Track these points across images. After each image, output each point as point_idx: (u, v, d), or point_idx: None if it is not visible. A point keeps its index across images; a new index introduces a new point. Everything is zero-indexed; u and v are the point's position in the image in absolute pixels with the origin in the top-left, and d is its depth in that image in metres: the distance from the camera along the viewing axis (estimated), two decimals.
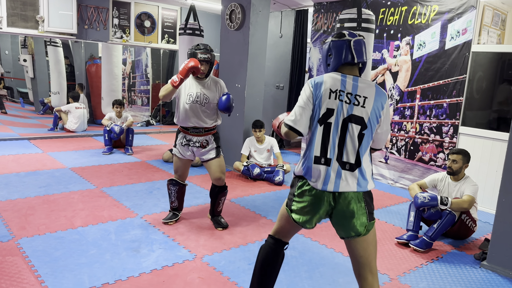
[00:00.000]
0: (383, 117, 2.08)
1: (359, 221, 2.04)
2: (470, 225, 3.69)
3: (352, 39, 2.09)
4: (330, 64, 2.15)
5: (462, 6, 4.72)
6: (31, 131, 7.43)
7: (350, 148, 2.02)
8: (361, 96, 2.03)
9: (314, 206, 2.07)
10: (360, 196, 2.04)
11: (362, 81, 2.08)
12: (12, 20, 6.50)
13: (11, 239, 3.22)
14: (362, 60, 2.11)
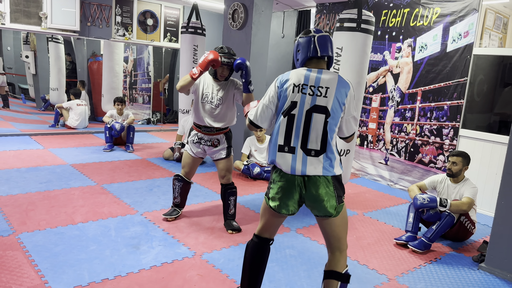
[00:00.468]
0: (347, 104, 2.20)
1: (329, 203, 2.18)
2: (469, 227, 3.70)
3: (317, 35, 2.25)
4: (298, 59, 2.30)
5: (464, 9, 4.73)
6: (32, 127, 7.44)
7: (314, 136, 2.16)
8: (323, 87, 2.16)
9: (287, 190, 2.21)
10: (329, 180, 2.18)
11: (326, 73, 2.21)
12: (15, 16, 6.51)
13: (12, 233, 3.24)
14: (327, 54, 2.26)
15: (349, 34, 4.00)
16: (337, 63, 4.08)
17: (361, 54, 4.04)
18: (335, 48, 4.08)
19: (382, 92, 5.68)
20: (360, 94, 4.17)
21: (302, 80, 2.18)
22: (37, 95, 8.85)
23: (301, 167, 2.16)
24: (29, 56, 8.44)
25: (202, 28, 6.58)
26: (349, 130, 2.31)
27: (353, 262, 3.25)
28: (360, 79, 4.11)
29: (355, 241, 3.67)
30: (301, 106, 2.17)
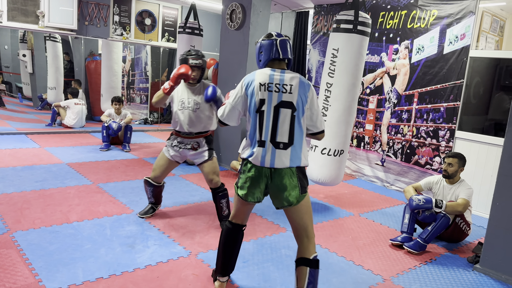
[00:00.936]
0: (309, 100, 2.40)
1: (291, 193, 2.36)
2: (464, 228, 3.71)
3: (278, 38, 2.44)
4: (261, 60, 2.47)
5: (461, 11, 4.75)
6: (28, 126, 7.42)
7: (282, 129, 2.35)
8: (288, 85, 2.36)
9: (254, 180, 2.40)
10: (293, 171, 2.37)
11: (288, 72, 2.41)
12: (13, 14, 6.49)
13: (6, 232, 3.23)
14: (287, 57, 2.45)
15: (345, 36, 4.01)
16: (333, 64, 4.09)
17: (357, 56, 4.05)
18: (332, 49, 4.10)
19: (379, 93, 5.69)
20: (355, 96, 4.18)
21: (268, 80, 2.37)
22: (34, 94, 8.82)
23: (269, 160, 2.35)
24: (26, 55, 8.41)
25: (200, 28, 6.58)
26: (316, 125, 2.48)
27: (348, 263, 3.25)
28: (355, 80, 4.11)
29: (350, 241, 3.67)
30: (269, 102, 2.35)
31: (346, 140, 4.22)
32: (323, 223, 4.07)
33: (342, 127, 4.15)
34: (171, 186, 4.75)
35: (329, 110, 4.14)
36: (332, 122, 4.13)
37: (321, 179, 4.26)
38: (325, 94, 4.16)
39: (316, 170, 4.26)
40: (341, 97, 4.08)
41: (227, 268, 2.66)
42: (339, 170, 4.26)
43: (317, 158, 4.24)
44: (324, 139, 4.09)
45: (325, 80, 4.17)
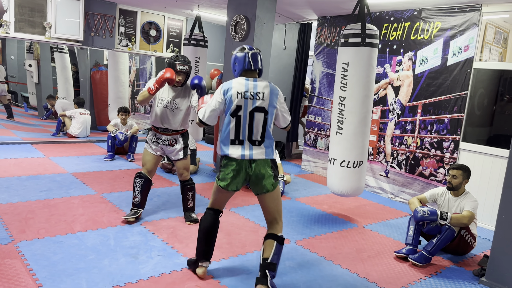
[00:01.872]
0: (279, 104, 2.86)
1: (268, 181, 2.81)
2: (469, 241, 3.69)
3: (250, 52, 2.85)
4: (236, 70, 2.88)
5: (465, 23, 4.77)
6: (33, 136, 7.46)
7: (257, 130, 2.79)
8: (261, 93, 2.79)
9: (235, 172, 2.80)
10: (268, 163, 2.83)
11: (260, 81, 2.83)
12: (20, 25, 6.58)
13: (11, 242, 3.23)
14: (258, 68, 2.86)
15: (354, 49, 4.06)
16: (344, 78, 4.12)
17: (367, 68, 4.09)
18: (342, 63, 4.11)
19: (383, 104, 5.70)
20: (369, 107, 4.21)
21: (243, 88, 2.77)
22: (39, 104, 8.89)
23: (249, 153, 2.78)
24: (32, 65, 8.50)
25: (204, 40, 6.64)
26: (285, 121, 2.94)
27: (352, 275, 3.23)
28: (368, 92, 4.14)
29: (355, 253, 3.65)
30: (245, 108, 2.77)
31: (364, 151, 4.25)
32: (327, 234, 4.05)
33: (359, 139, 4.18)
34: (174, 197, 4.76)
35: (345, 123, 4.16)
36: (348, 135, 4.16)
37: (343, 191, 4.27)
38: (339, 107, 4.19)
39: (336, 183, 4.29)
40: (355, 110, 4.12)
41: (209, 253, 2.99)
42: (359, 181, 4.29)
43: (337, 171, 4.26)
44: (342, 152, 4.24)
45: (338, 94, 4.21)
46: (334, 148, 4.30)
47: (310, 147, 6.86)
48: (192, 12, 7.46)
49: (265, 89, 2.80)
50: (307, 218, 4.48)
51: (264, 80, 2.85)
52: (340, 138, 4.22)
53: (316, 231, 4.11)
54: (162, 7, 7.45)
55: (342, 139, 4.21)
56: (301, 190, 5.60)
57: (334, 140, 4.30)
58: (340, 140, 4.23)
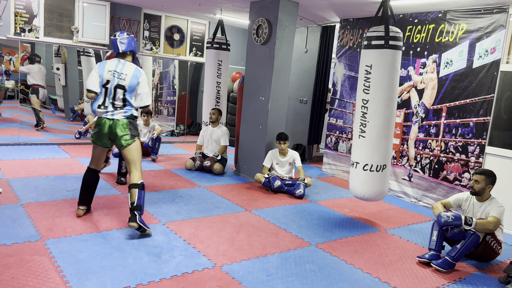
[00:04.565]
0: (139, 84, 3.64)
1: (122, 138, 3.63)
2: (495, 247, 3.61)
3: (119, 38, 3.65)
4: (113, 52, 3.73)
5: (491, 25, 4.68)
6: (60, 137, 7.67)
7: (119, 100, 3.63)
8: (124, 74, 3.60)
9: (101, 129, 3.65)
10: (125, 124, 3.63)
11: (128, 64, 3.65)
12: (49, 30, 6.80)
13: (39, 239, 3.34)
14: (125, 50, 3.67)
15: (377, 52, 4.03)
16: (367, 81, 4.10)
17: (391, 70, 4.05)
18: (365, 65, 4.08)
19: (406, 107, 5.63)
20: (393, 110, 4.17)
21: (114, 67, 3.60)
22: (66, 106, 9.13)
23: (110, 115, 3.62)
24: (60, 68, 8.73)
25: (227, 43, 6.71)
26: (142, 101, 3.69)
27: (374, 279, 3.21)
28: (392, 94, 4.11)
29: (376, 258, 3.62)
30: (111, 83, 3.59)
31: (388, 154, 4.21)
32: (348, 238, 4.03)
33: (383, 142, 4.14)
34: (196, 198, 4.82)
35: (368, 126, 4.13)
36: (371, 138, 4.13)
37: (365, 195, 4.24)
38: (362, 110, 4.16)
39: (359, 187, 4.26)
40: (378, 113, 4.08)
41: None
42: (383, 185, 4.25)
43: (360, 174, 4.23)
44: (365, 155, 4.17)
45: (361, 96, 4.18)
46: (357, 152, 4.27)
47: (331, 150, 6.83)
48: (215, 16, 7.55)
49: (128, 71, 3.59)
50: (328, 221, 4.47)
51: (132, 64, 3.65)
52: (363, 141, 4.19)
53: (337, 234, 4.09)
54: (186, 11, 7.56)
55: (365, 142, 4.17)
56: (322, 193, 5.58)
57: (357, 143, 4.27)
58: (363, 143, 4.19)
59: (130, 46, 3.69)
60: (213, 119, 6.28)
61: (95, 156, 3.89)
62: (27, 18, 6.59)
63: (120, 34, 3.65)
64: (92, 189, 3.91)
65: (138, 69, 3.66)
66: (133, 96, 3.65)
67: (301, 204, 4.99)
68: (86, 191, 3.87)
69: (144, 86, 3.67)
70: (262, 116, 5.69)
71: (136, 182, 3.59)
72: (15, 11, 6.46)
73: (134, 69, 3.63)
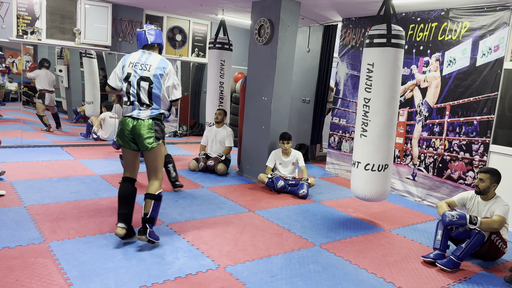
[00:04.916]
0: (165, 76, 3.29)
1: (146, 140, 3.24)
2: (500, 246, 3.58)
3: (147, 29, 3.36)
4: (138, 45, 3.39)
5: (494, 23, 4.65)
6: (64, 139, 7.69)
7: (144, 96, 3.26)
8: (148, 64, 3.27)
9: (123, 129, 3.30)
10: (150, 124, 3.25)
11: (154, 55, 3.33)
12: (51, 32, 6.81)
13: (43, 241, 3.34)
14: (154, 42, 3.36)
15: (379, 50, 4.01)
16: (369, 79, 4.08)
17: (393, 69, 4.03)
18: (367, 64, 4.07)
19: (410, 106, 5.61)
20: (395, 109, 4.15)
21: (136, 59, 3.29)
22: (69, 108, 9.15)
23: (136, 113, 3.26)
24: (62, 70, 8.75)
25: (229, 43, 6.70)
26: (172, 95, 3.35)
27: (379, 280, 3.19)
28: (394, 93, 4.09)
29: (381, 258, 3.60)
30: (134, 76, 3.26)
31: (390, 154, 4.18)
32: (352, 238, 4.01)
33: (385, 141, 4.11)
34: (199, 199, 4.81)
35: (369, 125, 4.10)
36: (373, 137, 4.10)
37: (367, 195, 4.20)
38: (364, 109, 4.14)
39: (361, 187, 4.22)
40: (381, 111, 4.06)
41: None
42: (385, 185, 4.21)
43: (361, 174, 4.19)
44: (367, 155, 4.12)
45: (362, 95, 4.16)
46: (358, 151, 4.24)
47: (335, 149, 6.81)
48: (217, 16, 7.54)
49: (153, 62, 3.27)
50: (331, 221, 4.45)
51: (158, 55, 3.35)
52: (365, 140, 4.16)
53: (341, 234, 4.08)
54: (187, 12, 7.56)
55: (367, 141, 4.15)
56: (326, 193, 5.57)
57: (358, 143, 4.25)
58: (365, 143, 4.17)
59: (158, 38, 3.38)
60: (219, 119, 6.28)
61: (127, 162, 3.46)
62: (29, 21, 6.61)
63: (147, 25, 3.39)
64: (129, 202, 3.41)
65: (164, 60, 3.32)
66: (161, 90, 3.27)
67: (305, 204, 4.97)
68: (123, 205, 3.38)
69: (172, 78, 3.31)
70: (264, 116, 5.68)
71: (153, 193, 3.30)
72: (17, 14, 6.48)
73: (160, 59, 3.29)
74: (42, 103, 7.69)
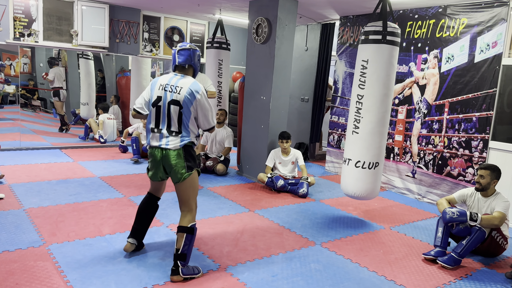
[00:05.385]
0: (197, 101, 2.94)
1: (179, 171, 2.93)
2: (501, 242, 3.58)
3: (179, 48, 3.05)
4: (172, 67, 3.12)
5: (492, 19, 4.65)
6: (62, 141, 7.68)
7: (174, 121, 2.94)
8: (179, 87, 2.93)
9: (153, 160, 3.03)
10: (180, 153, 2.93)
11: (185, 77, 3.01)
12: (48, 34, 6.79)
13: (42, 244, 3.33)
14: (183, 63, 3.03)
15: (374, 47, 3.99)
16: (363, 76, 4.06)
17: (387, 66, 4.01)
18: (361, 60, 4.06)
19: (408, 103, 5.60)
20: (388, 106, 4.13)
21: (167, 81, 2.98)
22: (68, 109, 9.12)
23: (164, 143, 2.95)
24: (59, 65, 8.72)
25: (227, 43, 6.69)
26: (204, 124, 3.04)
27: (380, 278, 3.19)
28: (387, 90, 4.07)
29: (382, 255, 3.59)
30: (164, 100, 2.95)
31: (381, 152, 4.16)
32: (352, 236, 4.01)
33: (376, 139, 4.09)
34: (199, 199, 4.80)
35: (361, 122, 4.09)
36: (365, 134, 4.08)
37: (357, 193, 4.19)
38: (356, 106, 4.13)
39: (351, 184, 4.20)
40: (373, 108, 4.04)
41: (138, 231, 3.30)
42: (375, 183, 4.19)
43: (352, 171, 4.17)
44: (358, 152, 4.09)
45: (356, 92, 4.14)
46: (350, 148, 4.22)
47: (334, 148, 6.80)
48: (214, 16, 7.53)
49: (184, 84, 2.95)
50: (332, 220, 4.45)
51: (191, 77, 3.04)
52: (356, 137, 4.14)
53: (341, 233, 4.07)
54: (185, 12, 7.55)
55: (358, 138, 4.12)
56: (326, 192, 5.56)
57: (350, 140, 4.22)
58: (356, 140, 4.14)
59: (190, 59, 3.03)
60: (221, 120, 6.27)
61: (154, 186, 3.26)
62: (26, 23, 6.59)
63: (180, 45, 3.05)
64: (146, 218, 3.27)
65: (197, 83, 2.98)
66: (191, 116, 2.95)
67: (305, 203, 4.97)
68: (139, 220, 3.25)
69: (205, 103, 2.98)
70: (263, 115, 5.67)
71: (185, 225, 2.93)
72: (14, 16, 6.46)
73: (192, 82, 2.95)
74: (59, 100, 7.83)
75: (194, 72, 3.11)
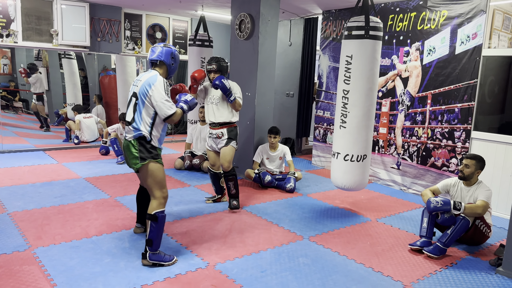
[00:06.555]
0: (151, 92, 3.03)
1: (133, 160, 3.09)
2: (484, 230, 3.65)
3: (153, 46, 3.23)
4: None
5: (472, 10, 4.71)
6: (46, 142, 7.56)
7: (130, 113, 3.12)
8: (140, 80, 3.10)
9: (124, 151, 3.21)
10: (134, 144, 3.07)
11: (151, 72, 3.14)
12: (27, 34, 6.66)
13: (28, 248, 3.29)
14: (153, 59, 3.18)
15: (357, 42, 4.02)
16: (348, 71, 4.09)
17: (371, 61, 4.05)
18: (345, 56, 4.08)
19: (392, 96, 5.65)
20: (373, 100, 4.17)
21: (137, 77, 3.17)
22: (50, 110, 8.99)
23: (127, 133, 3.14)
24: (42, 72, 8.58)
25: (209, 40, 6.65)
26: (160, 112, 3.06)
27: (367, 269, 3.22)
28: (372, 85, 4.11)
29: (369, 247, 3.64)
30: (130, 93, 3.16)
31: (368, 144, 4.22)
32: (340, 229, 4.04)
33: (363, 132, 4.15)
34: (186, 197, 4.79)
35: (348, 117, 4.14)
36: (352, 128, 4.14)
37: (346, 185, 4.26)
38: (343, 101, 4.16)
39: (340, 177, 4.27)
40: (359, 103, 4.09)
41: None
42: (363, 175, 4.27)
43: (340, 164, 4.24)
44: (346, 146, 4.15)
45: (341, 87, 4.18)
46: (338, 142, 4.29)
47: (320, 142, 6.84)
48: (197, 12, 7.48)
49: (143, 78, 3.09)
50: (319, 213, 4.48)
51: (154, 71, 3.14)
52: (344, 131, 4.20)
53: (328, 226, 4.11)
54: (167, 9, 7.48)
55: (346, 132, 4.19)
56: (313, 186, 5.60)
57: (338, 134, 4.28)
58: (344, 134, 4.20)
59: (160, 55, 3.15)
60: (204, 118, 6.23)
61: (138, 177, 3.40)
62: (4, 23, 6.45)
63: (157, 44, 3.23)
64: (144, 204, 3.50)
65: (156, 76, 3.07)
66: (144, 108, 3.04)
67: (292, 198, 4.99)
68: (139, 206, 3.63)
69: (159, 94, 3.02)
70: (249, 111, 5.67)
71: (149, 212, 3.09)
72: None
73: (151, 76, 3.07)
74: (42, 104, 7.87)
75: (168, 68, 3.23)
